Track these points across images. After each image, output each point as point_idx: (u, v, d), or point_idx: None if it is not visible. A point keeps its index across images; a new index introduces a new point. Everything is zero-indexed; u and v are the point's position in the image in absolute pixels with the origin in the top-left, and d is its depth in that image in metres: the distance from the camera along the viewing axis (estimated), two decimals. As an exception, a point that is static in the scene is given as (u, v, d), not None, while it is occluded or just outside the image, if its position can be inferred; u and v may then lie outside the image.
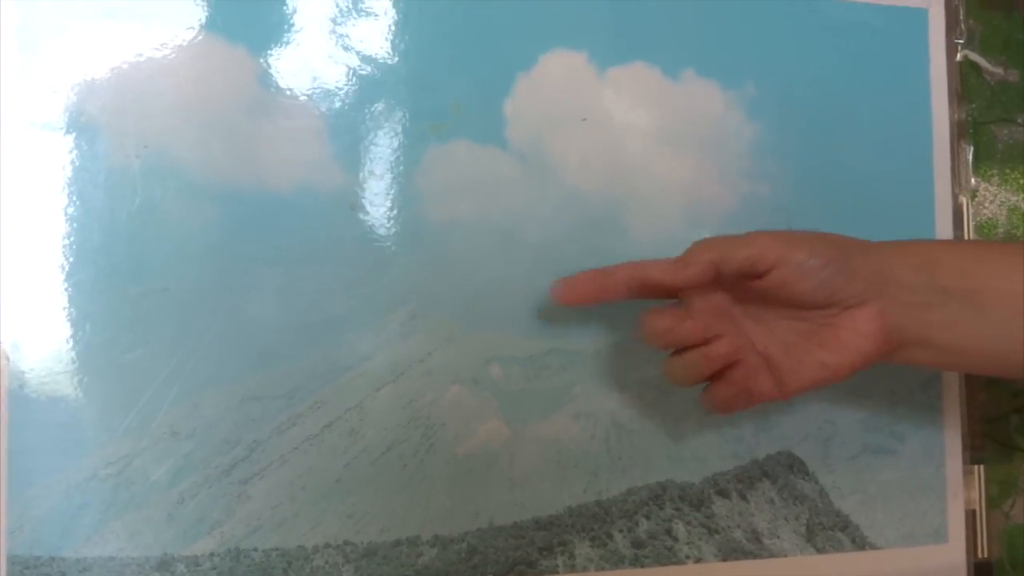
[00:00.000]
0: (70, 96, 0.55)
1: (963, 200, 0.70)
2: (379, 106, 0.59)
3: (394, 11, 0.60)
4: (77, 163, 0.55)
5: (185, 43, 0.57)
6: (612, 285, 0.54)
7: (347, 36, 0.59)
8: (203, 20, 0.57)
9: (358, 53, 0.59)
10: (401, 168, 0.60)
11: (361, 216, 0.59)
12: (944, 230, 0.69)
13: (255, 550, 0.56)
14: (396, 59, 0.60)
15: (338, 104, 0.59)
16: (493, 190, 0.61)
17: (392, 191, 0.59)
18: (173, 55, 0.57)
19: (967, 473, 0.69)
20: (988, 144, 0.71)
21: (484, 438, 0.60)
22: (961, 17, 0.71)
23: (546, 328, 0.61)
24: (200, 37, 0.57)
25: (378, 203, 0.59)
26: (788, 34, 0.67)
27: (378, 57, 0.60)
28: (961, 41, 0.71)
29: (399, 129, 0.60)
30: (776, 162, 0.66)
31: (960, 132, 0.70)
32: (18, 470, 0.53)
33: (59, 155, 0.55)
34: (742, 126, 0.65)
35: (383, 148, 0.59)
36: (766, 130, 0.66)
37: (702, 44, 0.65)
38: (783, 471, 0.65)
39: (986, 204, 0.71)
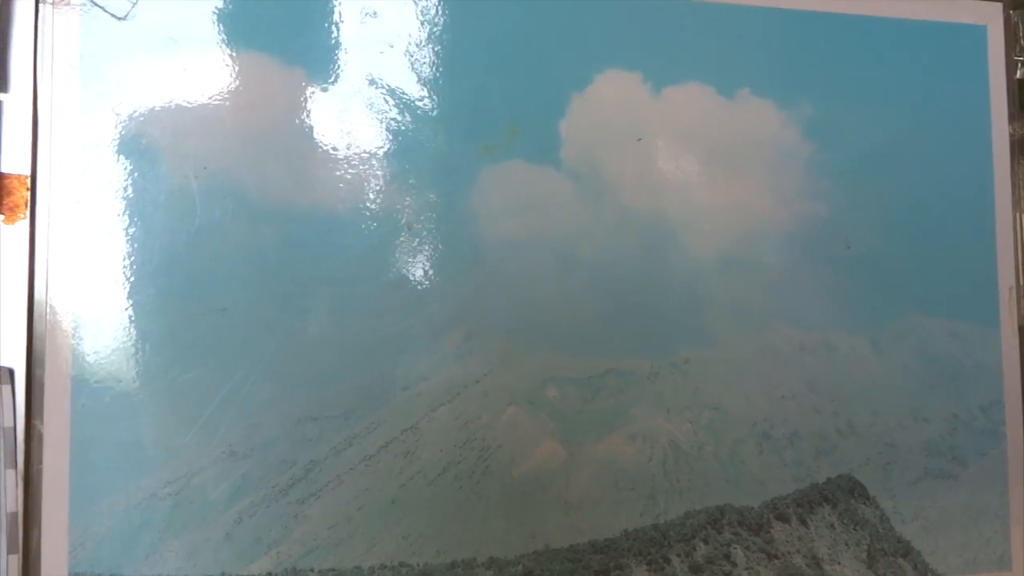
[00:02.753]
0: (132, 119, 0.56)
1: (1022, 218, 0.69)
2: (435, 127, 0.60)
3: (450, 33, 0.60)
4: (138, 184, 0.56)
5: (243, 66, 0.57)
6: None
7: (404, 58, 0.60)
8: (261, 44, 0.58)
9: (414, 75, 0.60)
10: (457, 188, 0.60)
11: (417, 236, 0.59)
12: (1005, 248, 0.68)
13: (311, 570, 0.56)
14: (452, 80, 0.60)
15: (394, 125, 0.59)
16: (548, 210, 0.61)
17: (448, 211, 0.59)
18: (232, 78, 0.57)
19: (1032, 499, 0.68)
20: (1050, 162, 0.70)
21: (540, 460, 0.59)
22: (1021, 34, 0.69)
23: (603, 348, 0.61)
24: (258, 60, 0.58)
25: (434, 223, 0.59)
26: (845, 52, 0.66)
27: (434, 79, 0.60)
28: (1021, 58, 0.69)
29: (454, 150, 0.60)
30: (833, 181, 0.65)
31: (1020, 149, 0.69)
32: (81, 489, 0.54)
33: (120, 177, 0.56)
34: (799, 145, 0.65)
35: (439, 169, 0.59)
36: (823, 149, 0.65)
37: (758, 63, 0.65)
38: (843, 495, 0.64)
39: (1049, 223, 0.70)
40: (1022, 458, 0.68)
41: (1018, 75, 0.69)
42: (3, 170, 0.54)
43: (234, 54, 0.57)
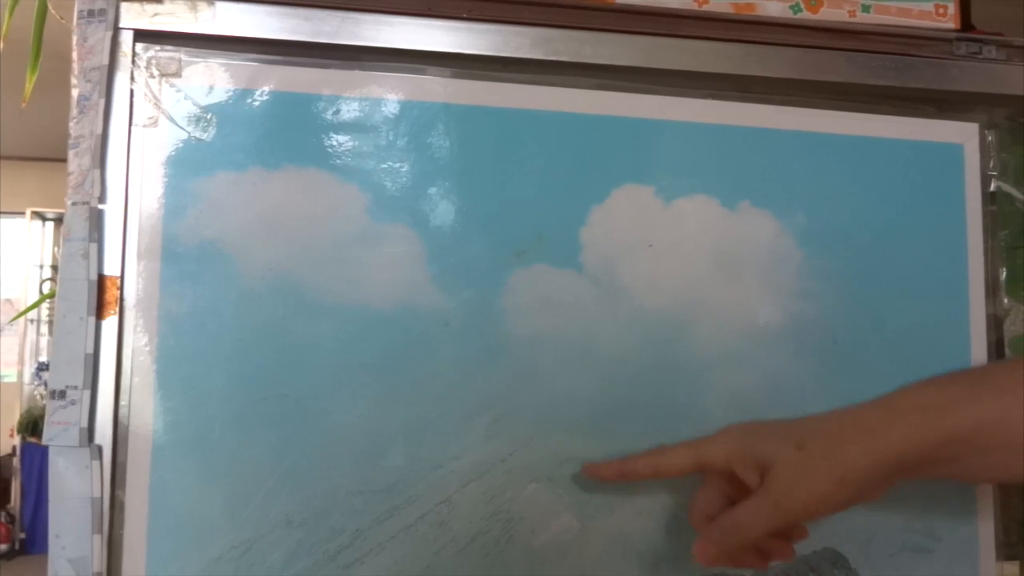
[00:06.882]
0: (209, 226, 0.65)
1: (997, 318, 0.76)
2: (471, 235, 0.68)
3: (484, 155, 0.69)
4: (212, 283, 0.64)
5: (305, 181, 0.66)
6: (632, 473, 0.65)
7: (444, 177, 0.68)
8: (321, 163, 0.66)
9: (454, 190, 0.68)
10: (489, 289, 0.68)
11: (454, 332, 0.67)
12: (979, 346, 0.76)
13: (356, 628, 0.64)
14: (486, 194, 0.69)
15: (435, 234, 0.68)
16: (570, 309, 0.69)
17: (481, 310, 0.68)
18: (296, 192, 0.66)
19: (1001, 570, 0.75)
20: (1020, 267, 0.78)
21: (557, 531, 0.67)
22: (994, 152, 0.77)
23: (615, 432, 0.69)
24: (318, 177, 0.66)
25: (468, 320, 0.67)
26: (835, 168, 0.74)
27: (470, 192, 0.68)
28: (995, 174, 0.77)
29: (488, 255, 0.68)
30: (823, 283, 0.73)
31: (994, 256, 0.77)
32: (156, 553, 0.62)
33: (197, 276, 0.64)
34: (792, 251, 0.73)
35: (474, 272, 0.68)
36: (814, 255, 0.73)
37: (757, 178, 0.73)
38: (827, 567, 0.71)
39: (1018, 322, 0.77)
40: (992, 532, 0.75)
41: (992, 188, 0.77)
42: (101, 272, 0.62)
43: (297, 171, 0.66)
